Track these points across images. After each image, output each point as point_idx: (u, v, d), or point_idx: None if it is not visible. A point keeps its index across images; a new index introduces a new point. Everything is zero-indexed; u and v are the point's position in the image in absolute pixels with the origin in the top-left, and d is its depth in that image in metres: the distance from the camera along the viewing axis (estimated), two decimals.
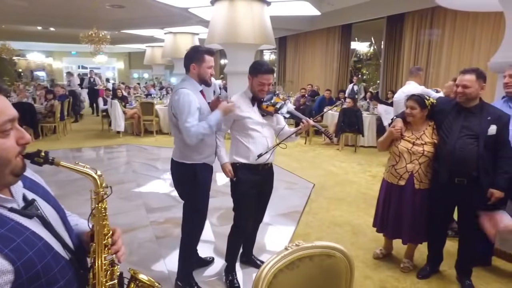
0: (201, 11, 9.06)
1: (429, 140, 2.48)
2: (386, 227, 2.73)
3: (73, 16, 11.30)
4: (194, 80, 2.27)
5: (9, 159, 0.78)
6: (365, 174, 5.42)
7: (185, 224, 2.42)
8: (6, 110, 0.78)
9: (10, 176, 0.80)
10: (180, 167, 2.32)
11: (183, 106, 2.13)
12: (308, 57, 12.94)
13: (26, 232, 0.78)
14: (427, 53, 8.32)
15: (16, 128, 0.80)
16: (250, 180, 2.34)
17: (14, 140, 0.79)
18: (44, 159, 0.85)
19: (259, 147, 2.31)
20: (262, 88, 2.29)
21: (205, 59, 2.23)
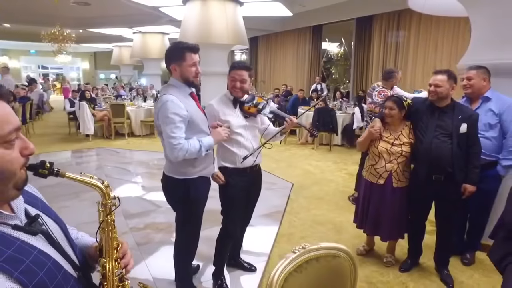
0: (172, 10, 8.89)
1: (407, 140, 2.58)
2: (365, 224, 2.82)
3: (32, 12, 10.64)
4: (179, 82, 2.04)
5: (13, 171, 0.72)
6: (341, 173, 5.56)
7: (178, 235, 2.34)
8: (11, 118, 0.72)
9: (13, 190, 0.74)
10: (171, 183, 2.14)
11: (165, 117, 1.91)
12: (279, 57, 13.07)
13: (34, 251, 0.73)
14: (395, 54, 8.67)
15: (20, 138, 0.74)
16: (239, 184, 2.30)
17: (18, 151, 0.73)
18: (49, 170, 0.79)
19: (244, 150, 2.28)
20: (234, 85, 2.19)
21: (185, 57, 1.97)
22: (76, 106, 7.93)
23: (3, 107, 0.72)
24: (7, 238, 0.70)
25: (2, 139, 0.69)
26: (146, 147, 7.37)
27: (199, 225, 2.33)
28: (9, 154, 0.70)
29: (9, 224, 0.72)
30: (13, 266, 0.67)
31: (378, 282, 2.63)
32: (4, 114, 0.71)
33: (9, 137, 0.70)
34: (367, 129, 2.73)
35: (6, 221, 0.72)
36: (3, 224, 0.72)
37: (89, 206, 4.15)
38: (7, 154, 0.70)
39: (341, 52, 12.23)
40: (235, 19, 7.73)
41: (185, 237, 2.32)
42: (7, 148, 0.70)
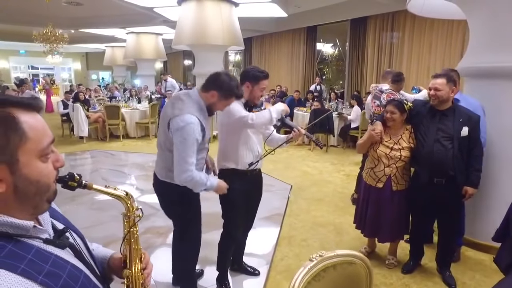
0: (166, 11, 8.83)
1: (406, 145, 2.59)
2: (364, 226, 2.84)
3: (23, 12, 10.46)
4: (203, 101, 2.03)
5: (49, 184, 0.71)
6: (339, 174, 5.59)
7: (180, 242, 2.33)
8: (48, 131, 0.71)
9: (46, 204, 0.73)
10: (165, 187, 2.14)
11: (185, 139, 1.90)
12: (274, 58, 13.08)
13: (67, 265, 0.72)
14: (389, 55, 8.75)
15: (52, 151, 0.73)
16: (240, 187, 2.30)
17: (51, 164, 0.72)
18: (78, 182, 0.79)
19: (251, 154, 2.29)
20: (262, 94, 2.29)
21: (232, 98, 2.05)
22: (69, 108, 7.83)
23: (40, 120, 0.71)
24: (42, 253, 0.69)
25: (41, 152, 0.68)
26: (141, 149, 7.31)
27: (200, 227, 2.35)
28: (46, 167, 0.70)
29: (41, 238, 0.71)
30: (53, 281, 0.65)
31: (382, 284, 2.65)
32: (43, 126, 0.70)
33: (47, 151, 0.70)
34: (368, 132, 2.75)
35: (39, 235, 0.71)
36: (36, 239, 0.70)
37: (86, 209, 4.12)
38: (45, 168, 0.70)
39: (335, 53, 12.29)
40: (231, 20, 7.71)
41: (188, 242, 2.31)
42: (44, 162, 0.70)
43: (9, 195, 0.66)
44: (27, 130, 0.66)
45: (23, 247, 0.66)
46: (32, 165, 0.67)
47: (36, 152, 0.68)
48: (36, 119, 0.69)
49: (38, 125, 0.69)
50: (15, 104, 0.67)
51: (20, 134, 0.65)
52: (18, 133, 0.65)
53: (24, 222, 0.67)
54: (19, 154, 0.65)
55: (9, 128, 0.64)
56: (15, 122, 0.65)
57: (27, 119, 0.67)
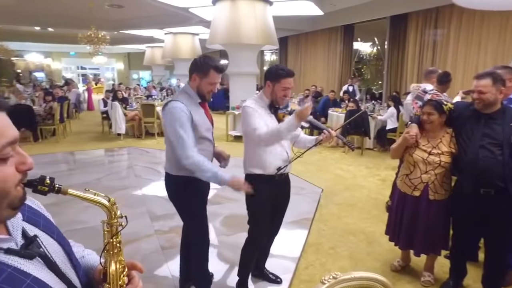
0: (201, 11, 8.92)
1: (447, 150, 2.33)
2: (398, 237, 2.60)
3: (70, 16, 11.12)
4: (193, 91, 2.07)
5: (7, 190, 0.63)
6: (374, 178, 5.29)
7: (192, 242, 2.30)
8: (6, 131, 0.63)
9: (7, 210, 0.65)
10: (168, 179, 2.17)
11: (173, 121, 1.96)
12: (309, 58, 12.81)
13: (27, 279, 0.64)
14: (432, 53, 8.19)
15: (16, 152, 0.65)
16: (267, 192, 2.19)
17: (14, 167, 0.64)
18: (49, 187, 0.71)
19: (277, 157, 2.17)
20: (286, 93, 2.13)
21: (209, 74, 2.02)
22: (108, 106, 8.14)
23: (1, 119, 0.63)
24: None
25: None
26: None
27: (204, 225, 2.26)
28: (2, 170, 0.62)
29: (1, 248, 0.64)
30: None
31: None
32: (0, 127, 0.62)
33: (3, 152, 0.62)
34: (402, 135, 2.51)
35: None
36: None
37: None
38: (1, 171, 0.62)
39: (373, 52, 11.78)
40: (265, 19, 7.61)
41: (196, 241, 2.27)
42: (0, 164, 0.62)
43: None
44: None
45: None
46: None
47: None
48: None
49: None
50: None
51: None
52: None
53: None
54: None
55: None
56: None
57: None
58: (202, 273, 2.35)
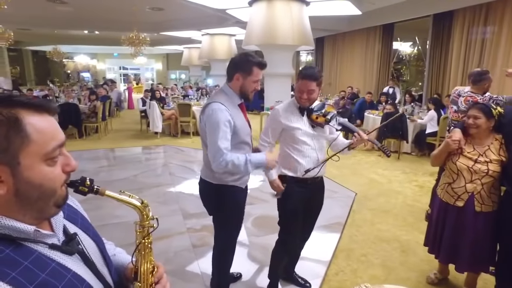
0: (238, 12, 9.02)
1: (496, 158, 2.17)
2: (439, 250, 2.44)
3: (115, 19, 11.75)
4: (233, 92, 2.00)
5: (55, 189, 0.69)
6: (411, 184, 5.07)
7: (216, 241, 2.30)
8: (57, 134, 0.69)
9: (53, 208, 0.70)
10: (206, 187, 2.12)
11: (214, 124, 1.87)
12: (346, 58, 12.52)
13: (68, 274, 0.68)
14: (480, 53, 7.69)
15: (63, 154, 0.71)
16: (298, 195, 2.18)
17: (60, 168, 0.70)
18: (89, 188, 0.75)
19: (308, 160, 2.15)
20: (300, 96, 2.08)
21: (253, 72, 1.94)
22: (147, 105, 8.47)
23: (51, 123, 0.69)
24: (43, 259, 0.67)
25: (46, 156, 0.66)
26: None
27: (234, 234, 2.26)
28: (52, 171, 0.68)
29: (46, 243, 0.69)
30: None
31: None
32: (51, 130, 0.68)
33: (53, 154, 0.67)
34: (444, 140, 2.37)
35: (44, 240, 0.69)
36: (40, 243, 0.68)
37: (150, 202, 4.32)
38: (50, 172, 0.67)
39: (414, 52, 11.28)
40: (301, 20, 7.55)
41: (220, 244, 2.28)
42: (49, 165, 0.67)
43: (11, 198, 0.64)
44: (30, 132, 0.64)
45: (23, 252, 0.64)
46: (35, 169, 0.65)
47: (40, 156, 0.65)
48: (44, 121, 0.67)
49: (45, 128, 0.66)
50: (24, 105, 0.65)
51: (22, 136, 0.63)
52: (20, 135, 0.63)
53: (24, 226, 0.65)
54: (21, 156, 0.63)
55: (11, 129, 0.62)
56: (18, 123, 0.63)
57: (34, 121, 0.65)
58: (224, 277, 2.37)
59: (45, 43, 17.61)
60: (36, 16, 11.28)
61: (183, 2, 8.23)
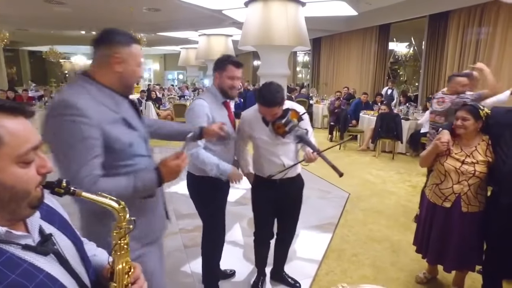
0: (234, 13, 9.03)
1: (482, 158, 2.19)
2: (426, 250, 2.47)
3: (112, 20, 11.72)
4: (216, 90, 2.16)
5: (28, 191, 0.70)
6: (404, 184, 5.10)
7: (203, 237, 2.41)
8: (31, 137, 0.70)
9: (27, 209, 0.72)
10: (189, 178, 2.29)
11: (193, 118, 2.02)
12: (343, 59, 12.55)
13: (40, 275, 0.70)
14: (475, 54, 7.73)
15: (38, 156, 0.72)
16: (264, 195, 2.30)
17: (35, 169, 0.71)
18: (65, 189, 0.77)
19: (271, 166, 2.19)
20: (265, 116, 2.10)
21: (227, 68, 2.09)
22: (142, 105, 8.48)
23: (26, 125, 0.70)
24: (14, 260, 0.68)
25: (19, 158, 0.68)
26: None
27: (219, 227, 2.37)
28: (25, 173, 0.69)
29: (19, 244, 0.70)
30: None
31: None
32: (26, 132, 0.69)
33: (27, 156, 0.69)
34: (433, 142, 2.39)
35: (17, 241, 0.70)
36: (13, 244, 0.70)
37: None
38: (24, 174, 0.69)
39: (410, 53, 11.32)
40: (296, 20, 7.56)
41: (207, 240, 2.39)
42: (23, 167, 0.69)
43: None
44: (2, 135, 0.65)
45: None
46: (8, 171, 0.66)
47: (12, 158, 0.67)
48: (19, 124, 0.68)
49: (18, 130, 0.68)
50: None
51: None
52: None
53: None
54: None
55: None
56: None
57: (7, 124, 0.66)
58: (210, 271, 2.45)
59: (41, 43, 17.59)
60: (33, 17, 11.27)
61: (179, 3, 8.23)
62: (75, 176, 1.13)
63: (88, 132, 1.15)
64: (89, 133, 1.15)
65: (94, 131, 1.17)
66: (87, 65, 23.70)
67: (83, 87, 1.24)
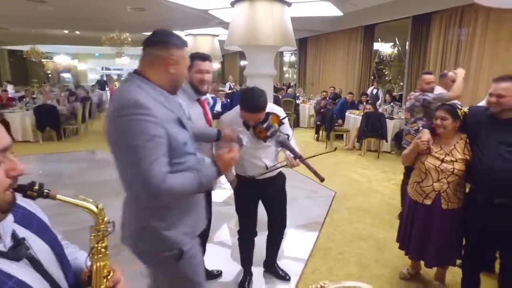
0: (220, 12, 8.98)
1: (461, 157, 2.25)
2: (408, 247, 2.53)
3: (96, 19, 11.52)
4: (188, 87, 2.17)
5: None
6: (389, 183, 5.18)
7: None
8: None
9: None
10: None
11: None
12: (329, 59, 12.66)
13: (9, 281, 0.67)
14: (456, 54, 7.92)
15: (8, 159, 0.70)
16: (247, 194, 2.33)
17: (3, 172, 0.69)
18: (38, 192, 0.75)
19: (254, 168, 2.22)
20: (248, 122, 2.06)
21: (194, 64, 2.11)
22: None
23: None
24: None
25: None
26: None
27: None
28: None
29: None
30: None
31: None
32: None
33: None
34: (413, 141, 2.45)
35: None
36: None
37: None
38: None
39: (394, 53, 11.51)
40: (282, 20, 7.55)
41: None
42: None
43: None
44: None
45: None
46: None
47: None
48: None
49: None
50: None
51: None
52: None
53: None
54: None
55: None
56: None
57: None
58: None
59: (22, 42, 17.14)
60: (14, 15, 10.98)
61: (165, 3, 8.14)
62: (145, 173, 1.18)
63: (157, 131, 1.21)
64: (157, 131, 1.22)
65: (161, 130, 1.23)
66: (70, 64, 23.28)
67: (140, 87, 1.28)
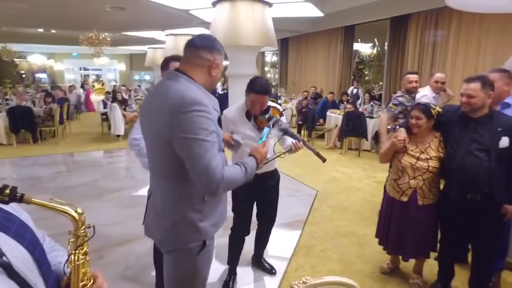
0: (202, 13, 8.94)
1: (435, 154, 2.34)
2: (387, 242, 2.62)
3: (73, 18, 11.20)
4: None
5: None
6: (369, 180, 5.30)
7: None
8: None
9: None
10: None
11: None
12: (310, 59, 12.81)
13: None
14: (432, 55, 8.18)
15: None
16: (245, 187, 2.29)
17: None
18: (9, 196, 0.72)
19: None
20: (253, 107, 2.20)
21: (169, 66, 2.16)
22: (108, 107, 8.20)
23: None
24: None
25: None
26: None
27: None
28: None
29: None
30: None
31: None
32: None
33: None
34: (390, 140, 2.52)
35: None
36: None
37: (112, 207, 4.25)
38: None
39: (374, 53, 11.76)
40: (264, 21, 7.61)
41: None
42: None
43: None
44: None
45: None
46: None
47: None
48: None
49: None
50: None
51: None
52: None
53: None
54: None
55: None
56: None
57: None
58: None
59: None
60: None
61: (145, 2, 8.04)
62: (207, 166, 1.24)
63: (214, 127, 1.31)
64: (214, 127, 1.31)
65: (215, 126, 1.33)
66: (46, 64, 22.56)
67: (193, 85, 1.35)
